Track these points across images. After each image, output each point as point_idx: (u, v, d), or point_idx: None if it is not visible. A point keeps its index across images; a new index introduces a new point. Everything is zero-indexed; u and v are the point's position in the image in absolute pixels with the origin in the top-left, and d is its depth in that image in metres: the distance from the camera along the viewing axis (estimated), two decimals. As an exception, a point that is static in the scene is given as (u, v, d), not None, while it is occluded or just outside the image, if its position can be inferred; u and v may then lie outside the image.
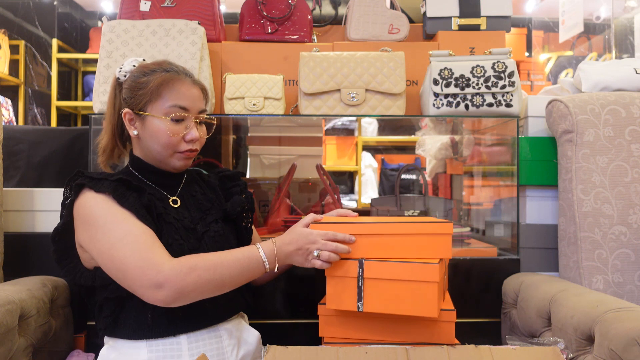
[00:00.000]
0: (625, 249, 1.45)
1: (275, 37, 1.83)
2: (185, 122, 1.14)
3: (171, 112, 1.12)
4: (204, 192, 1.27)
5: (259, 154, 2.44)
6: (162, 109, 1.12)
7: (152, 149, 1.16)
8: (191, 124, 1.14)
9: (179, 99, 1.13)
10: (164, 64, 1.17)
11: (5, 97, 3.58)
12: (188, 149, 1.15)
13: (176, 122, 1.13)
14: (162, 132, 1.12)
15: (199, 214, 1.21)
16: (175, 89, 1.13)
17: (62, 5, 4.24)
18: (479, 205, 2.12)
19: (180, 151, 1.15)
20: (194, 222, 1.19)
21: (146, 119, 1.13)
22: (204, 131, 1.20)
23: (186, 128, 1.14)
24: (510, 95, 1.58)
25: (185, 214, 1.18)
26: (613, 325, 1.06)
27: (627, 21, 3.37)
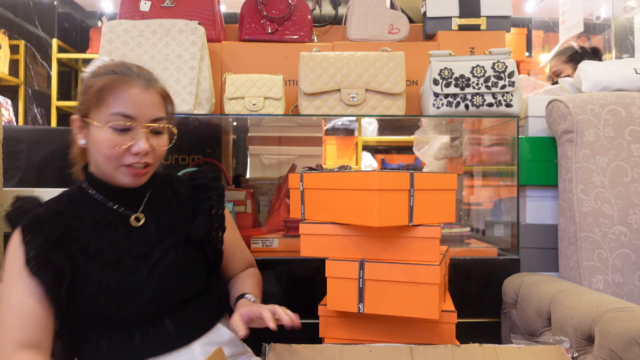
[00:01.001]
0: (625, 249, 1.45)
1: (275, 37, 1.83)
2: (132, 132, 0.99)
3: (113, 120, 0.98)
4: (169, 207, 1.11)
5: (259, 154, 2.44)
6: (104, 116, 0.98)
7: (97, 162, 1.02)
8: (139, 135, 0.99)
9: (122, 106, 0.98)
10: (117, 66, 1.03)
11: (5, 97, 3.58)
12: (135, 162, 1.00)
13: (120, 131, 0.98)
14: (103, 143, 0.98)
15: (158, 235, 1.06)
16: (119, 94, 0.98)
17: (62, 5, 4.24)
18: (479, 205, 2.12)
19: (126, 165, 1.00)
20: (149, 245, 1.04)
21: (90, 127, 1.00)
22: (161, 143, 1.04)
23: (132, 139, 0.99)
24: (510, 95, 1.58)
25: (142, 236, 1.05)
26: (613, 325, 1.06)
27: (627, 21, 3.37)
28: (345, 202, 1.14)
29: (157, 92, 1.04)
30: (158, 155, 1.05)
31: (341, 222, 1.16)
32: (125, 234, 1.04)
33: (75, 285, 0.96)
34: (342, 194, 1.14)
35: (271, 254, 1.63)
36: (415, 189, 1.12)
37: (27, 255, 0.94)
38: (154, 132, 1.03)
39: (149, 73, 1.06)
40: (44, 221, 0.98)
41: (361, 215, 1.10)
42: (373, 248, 1.14)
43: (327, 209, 1.19)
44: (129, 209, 1.07)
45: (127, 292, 0.99)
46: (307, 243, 1.21)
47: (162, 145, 1.04)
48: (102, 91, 0.98)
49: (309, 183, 1.25)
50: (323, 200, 1.21)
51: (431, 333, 1.16)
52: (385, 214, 1.08)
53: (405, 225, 1.13)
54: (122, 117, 0.98)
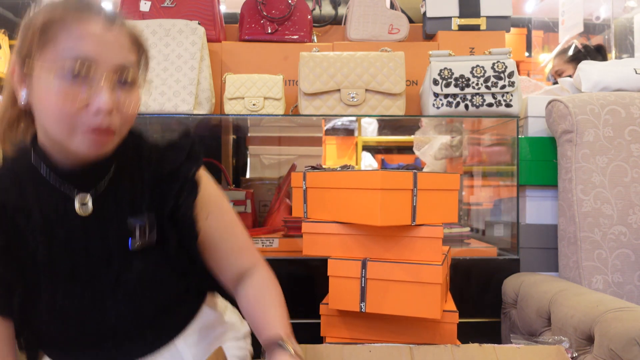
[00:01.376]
0: (625, 249, 1.45)
1: (275, 37, 1.83)
2: (91, 82, 0.71)
3: (65, 64, 0.70)
4: (134, 194, 0.82)
5: (259, 154, 2.44)
6: (52, 62, 0.70)
7: (46, 126, 0.74)
8: (101, 85, 0.71)
9: (78, 46, 0.70)
10: (73, 0, 0.74)
11: (5, 97, 3.58)
12: (97, 125, 0.71)
13: (75, 80, 0.70)
14: (51, 97, 0.70)
15: (120, 238, 0.79)
16: (72, 30, 0.70)
17: (62, 6, 4.24)
18: (479, 205, 2.12)
19: (84, 128, 0.71)
20: (107, 249, 0.79)
21: (33, 78, 0.72)
22: (131, 99, 0.75)
23: (91, 91, 0.71)
24: (510, 95, 1.58)
25: (97, 235, 0.79)
26: (613, 325, 1.06)
27: (627, 21, 3.37)
28: (348, 201, 1.14)
29: (126, 32, 0.76)
30: (126, 116, 0.75)
31: (344, 221, 1.17)
32: (80, 230, 0.79)
33: (25, 299, 0.77)
34: (345, 193, 1.15)
35: (271, 254, 1.63)
36: (419, 188, 1.12)
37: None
38: (120, 84, 0.74)
39: (116, 14, 0.76)
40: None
41: (364, 215, 1.10)
42: (375, 247, 1.14)
43: (330, 208, 1.20)
44: (83, 189, 0.79)
45: (87, 312, 0.78)
46: (310, 242, 1.21)
47: (132, 102, 0.75)
48: (49, 26, 0.71)
49: (312, 182, 1.25)
50: (326, 199, 1.21)
51: (432, 333, 1.16)
52: (388, 214, 1.08)
53: (407, 225, 1.13)
54: (76, 61, 0.70)
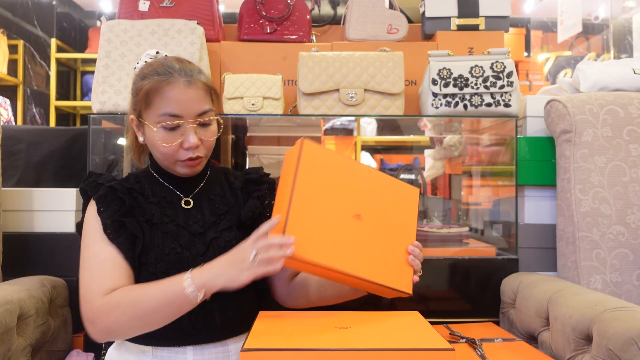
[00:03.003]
0: (624, 248, 1.46)
1: (274, 37, 1.83)
2: (181, 129, 1.05)
3: (162, 120, 1.04)
4: (223, 194, 1.18)
5: (257, 153, 2.44)
6: (154, 117, 1.05)
7: (157, 158, 1.12)
8: (187, 130, 1.05)
9: (168, 106, 1.04)
10: (160, 66, 1.07)
11: (4, 97, 3.58)
12: (188, 157, 1.07)
13: (170, 130, 1.05)
14: (157, 142, 1.06)
15: (212, 218, 1.13)
16: (164, 95, 1.04)
17: (61, 5, 4.23)
18: (478, 205, 2.12)
19: (181, 160, 1.07)
20: (204, 226, 1.11)
21: (145, 126, 1.08)
22: (209, 133, 1.09)
23: (182, 135, 1.05)
24: (508, 95, 1.59)
25: (197, 217, 1.12)
26: (611, 324, 1.06)
27: (626, 21, 3.38)
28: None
29: (200, 87, 1.08)
30: (208, 146, 1.10)
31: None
32: (183, 214, 1.11)
33: (140, 252, 1.05)
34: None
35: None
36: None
37: (103, 222, 1.03)
38: (201, 125, 1.07)
39: (191, 67, 1.09)
40: (118, 191, 1.06)
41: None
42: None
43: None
44: (185, 193, 1.15)
45: (184, 262, 1.05)
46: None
47: (210, 136, 1.09)
48: (149, 94, 1.05)
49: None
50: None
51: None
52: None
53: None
54: (169, 117, 1.04)
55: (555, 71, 4.05)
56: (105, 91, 1.59)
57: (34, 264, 1.56)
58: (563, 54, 4.03)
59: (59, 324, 1.42)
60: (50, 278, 1.46)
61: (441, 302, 1.60)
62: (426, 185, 2.58)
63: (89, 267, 1.02)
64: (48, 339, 1.38)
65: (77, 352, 1.47)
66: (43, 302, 1.35)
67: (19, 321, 1.25)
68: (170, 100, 1.04)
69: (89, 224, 1.06)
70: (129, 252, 1.04)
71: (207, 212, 1.14)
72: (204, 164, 1.14)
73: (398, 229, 1.07)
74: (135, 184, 1.12)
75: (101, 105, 1.59)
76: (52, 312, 1.41)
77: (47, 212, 1.62)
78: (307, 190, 0.98)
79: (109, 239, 1.03)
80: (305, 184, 0.97)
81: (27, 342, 1.27)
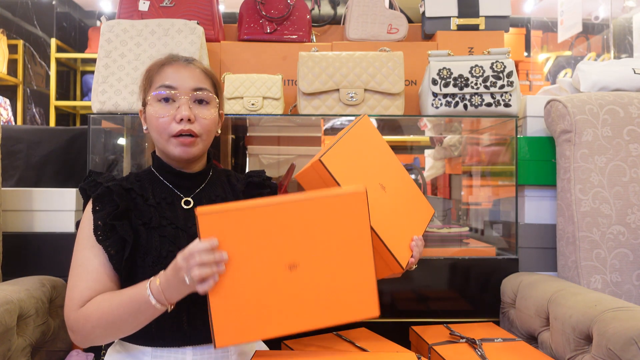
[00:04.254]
0: (624, 248, 1.46)
1: (274, 37, 1.83)
2: (176, 103, 1.07)
3: (157, 93, 1.07)
4: (225, 196, 1.18)
5: (257, 153, 2.44)
6: (151, 93, 1.08)
7: (154, 140, 1.12)
8: (181, 102, 1.06)
9: (165, 79, 1.08)
10: (166, 55, 1.14)
11: (4, 96, 3.58)
12: (180, 129, 1.05)
13: (165, 102, 1.07)
14: (152, 116, 1.07)
15: None
16: (163, 72, 1.09)
17: (61, 5, 4.23)
18: (478, 205, 2.12)
19: (173, 134, 1.06)
20: None
21: (146, 109, 1.10)
22: (206, 113, 1.09)
23: (176, 109, 1.06)
24: (508, 95, 1.59)
25: (193, 218, 1.08)
26: (611, 324, 1.06)
27: (626, 21, 3.38)
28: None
29: (199, 68, 1.11)
30: (204, 125, 1.09)
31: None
32: (183, 215, 1.11)
33: (136, 255, 1.04)
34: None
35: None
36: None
37: (95, 223, 1.04)
38: (197, 102, 1.09)
39: (194, 59, 1.14)
40: (114, 193, 1.06)
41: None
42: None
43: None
44: (186, 193, 1.14)
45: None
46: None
47: (206, 115, 1.09)
48: (149, 74, 1.10)
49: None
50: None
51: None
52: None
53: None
54: (164, 88, 1.07)
55: (555, 71, 4.05)
56: (105, 91, 1.59)
57: (34, 264, 1.56)
58: (563, 53, 4.03)
59: (58, 324, 1.42)
60: (50, 278, 1.46)
61: (441, 302, 1.59)
62: (426, 185, 2.58)
63: (76, 274, 1.02)
64: (48, 339, 1.38)
65: (77, 352, 1.47)
66: (43, 302, 1.35)
67: (19, 321, 1.25)
68: (167, 74, 1.08)
69: (84, 223, 1.07)
70: (117, 255, 1.03)
71: None
72: (200, 149, 1.11)
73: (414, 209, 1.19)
74: (136, 183, 1.12)
75: (101, 105, 1.59)
76: (52, 312, 1.41)
77: (47, 212, 1.62)
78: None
79: (98, 240, 1.03)
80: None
81: (27, 342, 1.27)
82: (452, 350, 1.28)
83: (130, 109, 1.59)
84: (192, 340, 1.05)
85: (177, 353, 1.05)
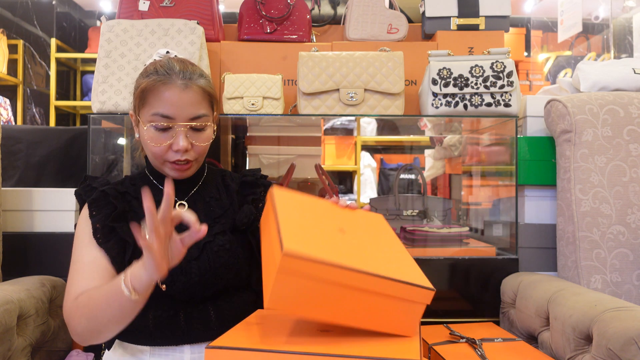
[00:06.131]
0: (624, 248, 1.46)
1: (274, 37, 1.83)
2: (172, 131, 1.03)
3: (153, 120, 1.03)
4: (219, 197, 1.17)
5: (257, 153, 2.44)
6: (147, 116, 1.04)
7: (148, 155, 1.11)
8: (178, 133, 1.03)
9: (161, 107, 1.02)
10: (161, 66, 1.07)
11: (4, 96, 3.58)
12: (176, 159, 1.05)
13: (161, 130, 1.03)
14: (148, 141, 1.04)
15: (207, 221, 1.10)
16: (159, 95, 1.02)
17: (61, 5, 4.23)
18: (478, 205, 2.12)
19: (170, 161, 1.06)
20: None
21: (139, 123, 1.07)
22: (202, 138, 1.07)
23: (172, 137, 1.03)
24: (508, 95, 1.59)
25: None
26: (611, 324, 1.06)
27: (626, 21, 3.38)
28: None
29: (197, 91, 1.05)
30: (199, 151, 1.08)
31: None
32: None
33: (133, 257, 1.03)
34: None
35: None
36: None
37: (94, 227, 1.03)
38: (194, 130, 1.06)
39: (192, 70, 1.07)
40: (110, 196, 1.06)
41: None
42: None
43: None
44: (180, 197, 1.13)
45: (177, 267, 0.97)
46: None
47: (202, 141, 1.07)
48: (144, 92, 1.04)
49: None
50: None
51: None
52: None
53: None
54: (160, 118, 1.02)
55: (555, 71, 4.05)
56: (105, 91, 1.59)
57: (34, 264, 1.56)
58: (563, 53, 4.03)
59: (59, 323, 1.42)
60: (50, 278, 1.46)
61: (441, 302, 1.60)
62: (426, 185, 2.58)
63: (73, 270, 1.03)
64: (48, 339, 1.38)
65: (77, 352, 1.47)
66: (43, 302, 1.35)
67: (19, 321, 1.25)
68: (163, 101, 1.02)
69: (80, 226, 1.07)
70: (118, 257, 1.03)
71: (201, 215, 1.11)
72: (195, 169, 1.12)
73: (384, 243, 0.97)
74: (130, 187, 1.11)
75: (101, 105, 1.59)
76: (52, 312, 1.41)
77: (47, 212, 1.62)
78: (290, 219, 0.87)
79: (98, 243, 1.02)
80: (286, 215, 0.88)
81: (27, 342, 1.27)
82: (452, 350, 1.28)
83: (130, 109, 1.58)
84: (190, 339, 1.06)
85: (175, 352, 1.05)
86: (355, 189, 4.12)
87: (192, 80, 1.05)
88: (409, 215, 1.96)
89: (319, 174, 1.93)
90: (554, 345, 1.27)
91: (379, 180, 4.41)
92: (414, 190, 3.77)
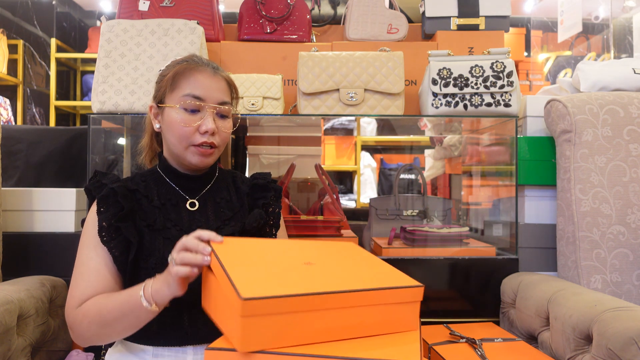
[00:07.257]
0: (624, 248, 1.46)
1: (274, 37, 1.83)
2: (201, 113, 1.08)
3: (184, 101, 1.07)
4: (230, 199, 1.18)
5: (257, 153, 2.44)
6: (177, 98, 1.08)
7: (170, 143, 1.11)
8: (207, 115, 1.08)
9: (193, 88, 1.08)
10: (189, 57, 1.14)
11: (4, 96, 3.58)
12: (203, 141, 1.07)
13: (191, 112, 1.08)
14: (176, 123, 1.07)
15: (217, 223, 1.13)
16: (191, 77, 1.09)
17: (61, 5, 4.23)
18: (478, 205, 2.12)
19: (195, 144, 1.08)
20: (208, 229, 1.03)
21: (164, 110, 1.10)
22: (227, 125, 1.12)
23: (201, 119, 1.08)
24: (508, 95, 1.59)
25: (201, 222, 1.11)
26: (611, 324, 1.06)
27: (626, 21, 3.38)
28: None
29: (224, 79, 1.13)
30: (223, 137, 1.12)
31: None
32: (187, 217, 1.12)
33: (139, 256, 1.05)
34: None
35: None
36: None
37: (99, 225, 1.04)
38: (220, 115, 1.11)
39: (217, 64, 1.15)
40: (119, 194, 1.06)
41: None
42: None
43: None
44: (191, 195, 1.15)
45: None
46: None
47: (227, 127, 1.12)
48: (175, 77, 1.09)
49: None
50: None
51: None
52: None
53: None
54: (192, 98, 1.07)
55: (555, 71, 4.05)
56: (105, 91, 1.59)
57: (34, 264, 1.56)
58: (563, 53, 4.03)
59: (58, 324, 1.42)
60: (50, 278, 1.46)
61: (441, 302, 1.60)
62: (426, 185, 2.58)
63: (78, 273, 1.04)
64: (48, 339, 1.38)
65: (77, 352, 1.47)
66: (43, 302, 1.35)
67: (19, 321, 1.25)
68: (196, 82, 1.08)
69: (88, 223, 1.07)
70: (121, 256, 1.04)
71: (211, 216, 1.13)
72: (215, 158, 1.14)
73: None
74: (141, 184, 1.12)
75: (101, 105, 1.59)
76: (52, 312, 1.41)
77: (47, 212, 1.62)
78: (237, 266, 0.84)
79: (102, 241, 1.03)
80: (232, 264, 0.84)
81: (27, 342, 1.27)
82: (452, 350, 1.28)
83: (131, 109, 1.59)
84: (193, 340, 1.05)
85: (178, 352, 1.05)
86: (355, 189, 4.12)
87: (219, 71, 1.13)
88: (409, 215, 1.96)
89: (319, 174, 1.93)
90: (554, 345, 1.27)
91: (379, 180, 4.41)
92: (414, 190, 3.77)
